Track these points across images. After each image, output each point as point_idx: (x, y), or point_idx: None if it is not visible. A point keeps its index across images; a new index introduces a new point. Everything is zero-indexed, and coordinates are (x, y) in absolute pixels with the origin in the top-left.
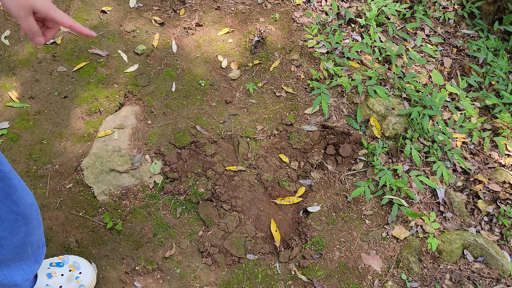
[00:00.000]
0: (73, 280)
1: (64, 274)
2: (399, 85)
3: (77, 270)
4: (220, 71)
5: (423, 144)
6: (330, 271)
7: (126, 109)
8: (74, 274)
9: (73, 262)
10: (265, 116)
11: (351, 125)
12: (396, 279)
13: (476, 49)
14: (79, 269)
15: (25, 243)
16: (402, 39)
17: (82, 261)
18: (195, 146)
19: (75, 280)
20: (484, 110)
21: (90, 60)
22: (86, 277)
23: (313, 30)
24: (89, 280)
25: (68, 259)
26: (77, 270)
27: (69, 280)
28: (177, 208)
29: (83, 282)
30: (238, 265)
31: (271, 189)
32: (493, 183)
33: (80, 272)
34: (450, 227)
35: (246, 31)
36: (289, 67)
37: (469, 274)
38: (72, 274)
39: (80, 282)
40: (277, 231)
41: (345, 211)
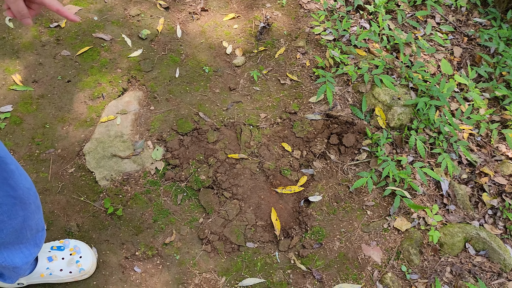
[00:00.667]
0: (73, 264)
1: (65, 257)
2: (406, 75)
3: (78, 254)
4: (225, 57)
5: (429, 135)
6: (330, 261)
7: (129, 94)
8: (75, 258)
9: (74, 246)
10: (268, 104)
11: (356, 115)
12: (396, 271)
13: (487, 38)
14: (79, 253)
15: (24, 227)
16: (411, 27)
17: (82, 245)
18: (198, 133)
19: (75, 264)
20: (493, 102)
21: (94, 44)
22: (86, 261)
23: (320, 17)
24: (89, 264)
25: (69, 243)
26: (78, 254)
27: (69, 263)
28: (178, 195)
29: (83, 266)
30: (238, 253)
31: (272, 177)
32: (499, 176)
33: (80, 256)
34: (452, 220)
35: (252, 16)
36: (295, 54)
37: (470, 267)
38: (73, 258)
39: (80, 266)
40: (277, 220)
41: (346, 201)
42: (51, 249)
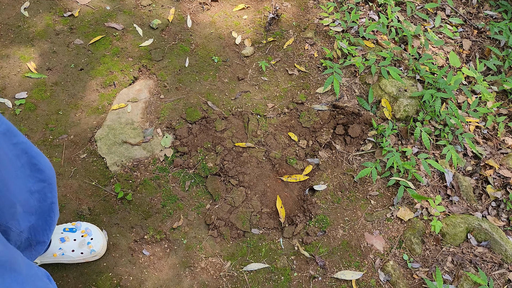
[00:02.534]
0: (84, 245)
1: (77, 239)
2: (414, 67)
3: (89, 236)
4: (234, 48)
5: (434, 127)
6: (333, 248)
7: (139, 83)
8: (86, 239)
9: (85, 228)
10: (276, 94)
11: (362, 106)
12: (398, 259)
13: (497, 31)
14: (90, 235)
15: (51, 208)
16: (421, 19)
17: (93, 228)
18: (206, 122)
19: (86, 245)
20: (501, 95)
21: (106, 33)
22: (97, 242)
23: (329, 8)
24: (99, 245)
25: (81, 225)
26: (89, 236)
27: (81, 245)
28: (185, 182)
29: (94, 247)
30: (243, 238)
31: (278, 166)
32: (505, 168)
33: (91, 238)
34: (455, 211)
35: (261, 7)
36: (303, 45)
37: (472, 257)
38: (84, 239)
39: (91, 248)
40: (282, 208)
41: (351, 190)
42: (64, 231)
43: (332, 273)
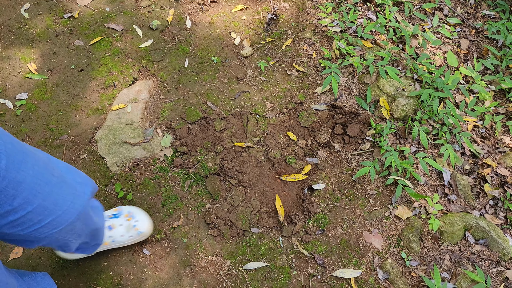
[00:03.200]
0: (131, 229)
1: (122, 224)
2: (412, 66)
3: (133, 219)
4: (233, 48)
5: (432, 127)
6: (332, 247)
7: (139, 83)
8: (131, 223)
9: (128, 211)
10: (275, 94)
11: (361, 105)
12: (396, 257)
13: (495, 31)
14: (134, 218)
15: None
16: (419, 19)
17: (135, 209)
18: (205, 122)
19: (133, 229)
20: (499, 94)
21: (106, 34)
22: (142, 224)
23: (328, 9)
24: (146, 226)
25: (122, 209)
26: (133, 219)
27: (128, 229)
28: (185, 181)
29: (141, 229)
30: (243, 237)
31: (277, 165)
32: (502, 167)
33: (136, 220)
34: (453, 209)
35: (260, 8)
36: (302, 46)
37: (469, 255)
38: (130, 223)
39: (137, 230)
40: (282, 207)
41: (349, 189)
42: (108, 218)
43: (331, 272)
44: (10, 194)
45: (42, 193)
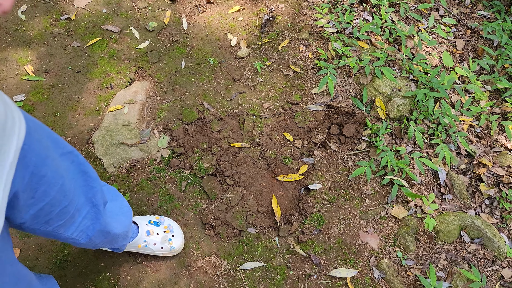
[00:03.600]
0: (166, 241)
1: (159, 233)
2: (407, 67)
3: (171, 232)
4: (229, 49)
5: (428, 126)
6: (328, 247)
7: (136, 84)
8: (168, 236)
9: (168, 224)
10: (271, 94)
11: (357, 106)
12: (392, 257)
13: (490, 31)
14: (172, 232)
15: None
16: (415, 19)
17: (175, 225)
18: (202, 122)
19: (167, 242)
20: (495, 94)
21: (103, 36)
22: (177, 240)
23: (324, 10)
24: (179, 243)
25: (164, 220)
26: (171, 232)
27: (163, 240)
28: (182, 182)
29: (174, 244)
30: (239, 237)
31: (274, 166)
32: (498, 167)
33: (172, 235)
34: (449, 209)
35: (257, 9)
36: (298, 47)
37: (465, 254)
38: (166, 235)
39: (171, 244)
40: (278, 207)
41: (345, 189)
42: (149, 223)
43: (327, 271)
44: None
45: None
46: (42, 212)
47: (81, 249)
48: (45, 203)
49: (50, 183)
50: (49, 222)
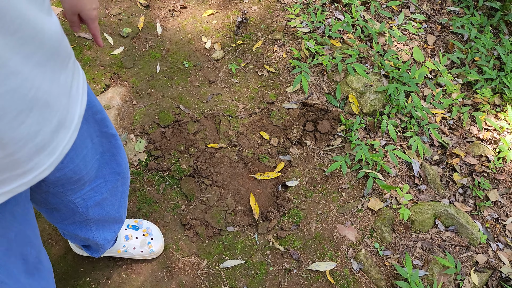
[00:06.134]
0: (145, 245)
1: (138, 237)
2: (379, 63)
3: (150, 236)
4: (204, 52)
5: (401, 120)
6: (307, 241)
7: (111, 90)
8: (147, 239)
9: (147, 228)
10: (247, 95)
11: (331, 102)
12: (370, 248)
13: (460, 26)
14: (151, 235)
15: (120, 204)
16: (386, 17)
17: (154, 227)
18: (179, 125)
19: (147, 245)
20: (466, 86)
21: (77, 43)
22: (156, 243)
23: (295, 10)
24: (159, 246)
25: (143, 223)
26: (150, 236)
27: (142, 244)
28: (160, 184)
29: (154, 247)
30: (219, 236)
31: (251, 165)
32: (470, 156)
33: (152, 238)
34: (423, 199)
35: (230, 12)
36: (272, 47)
37: (440, 242)
38: (145, 239)
39: (151, 247)
40: (256, 205)
41: (322, 184)
42: (127, 227)
43: (306, 265)
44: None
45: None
46: (64, 177)
47: (60, 255)
48: (69, 169)
49: (77, 151)
50: (64, 185)
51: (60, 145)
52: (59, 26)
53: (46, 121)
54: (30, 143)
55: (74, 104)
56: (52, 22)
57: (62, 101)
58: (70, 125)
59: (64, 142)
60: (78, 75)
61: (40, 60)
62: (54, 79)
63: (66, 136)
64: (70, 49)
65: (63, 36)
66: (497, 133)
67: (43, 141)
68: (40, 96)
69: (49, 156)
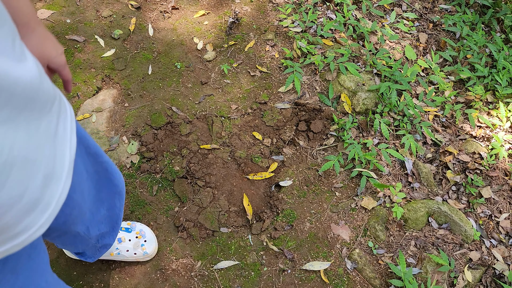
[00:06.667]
0: (138, 247)
1: (131, 239)
2: (371, 62)
3: (143, 238)
4: (196, 53)
5: (394, 118)
6: (301, 241)
7: (103, 92)
8: (140, 241)
9: (140, 230)
10: (239, 95)
11: (323, 102)
12: (363, 247)
13: (452, 24)
14: (144, 237)
15: (118, 216)
16: (378, 16)
17: (147, 230)
18: (171, 127)
19: (140, 247)
20: (459, 84)
21: (68, 46)
22: (150, 245)
23: (287, 10)
24: (152, 248)
25: (136, 226)
26: (143, 238)
27: (135, 246)
28: (153, 186)
29: (147, 249)
30: (212, 238)
31: (244, 165)
32: (463, 154)
33: (145, 240)
34: (417, 197)
35: (222, 12)
36: (264, 47)
37: (434, 240)
38: (138, 241)
39: (144, 249)
40: (249, 205)
41: (316, 184)
42: (120, 230)
43: (301, 265)
44: None
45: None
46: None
47: (52, 259)
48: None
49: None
50: (66, 222)
51: (53, 198)
52: (35, 70)
53: (31, 178)
54: (16, 205)
55: (61, 150)
56: (27, 68)
57: (45, 152)
58: (60, 174)
59: (58, 194)
60: (65, 115)
61: (10, 115)
62: (31, 130)
63: (59, 188)
64: (54, 89)
65: (42, 80)
66: (489, 130)
67: (31, 200)
68: (16, 154)
69: (42, 212)
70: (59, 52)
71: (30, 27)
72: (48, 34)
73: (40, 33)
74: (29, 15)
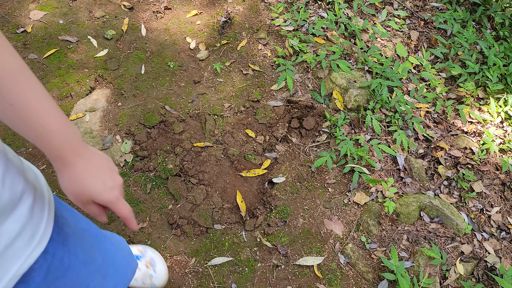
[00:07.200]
0: (147, 277)
1: (141, 269)
2: (363, 59)
3: (152, 267)
4: (189, 52)
5: (385, 115)
6: (294, 237)
7: (96, 92)
8: (149, 271)
9: (150, 258)
10: (232, 94)
11: (315, 99)
12: (356, 242)
13: (443, 21)
14: (154, 267)
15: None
16: (369, 14)
17: (157, 258)
18: (164, 125)
19: (149, 278)
20: (450, 80)
21: (60, 46)
22: (159, 277)
23: (279, 9)
24: (162, 280)
25: (146, 252)
26: (152, 267)
27: (144, 276)
28: (147, 184)
29: (156, 281)
30: (206, 234)
31: (237, 162)
32: (455, 149)
33: (155, 271)
34: (409, 192)
35: (214, 12)
36: (256, 46)
37: (426, 234)
38: (147, 271)
39: (153, 281)
40: (243, 202)
41: (309, 180)
42: None
43: (294, 261)
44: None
45: None
46: None
47: None
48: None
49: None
50: None
51: None
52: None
53: None
54: None
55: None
56: None
57: None
58: None
59: None
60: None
61: None
62: None
63: None
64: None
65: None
66: (480, 126)
67: None
68: None
69: None
70: (108, 186)
71: (66, 161)
72: (91, 167)
73: (79, 168)
74: (63, 148)
